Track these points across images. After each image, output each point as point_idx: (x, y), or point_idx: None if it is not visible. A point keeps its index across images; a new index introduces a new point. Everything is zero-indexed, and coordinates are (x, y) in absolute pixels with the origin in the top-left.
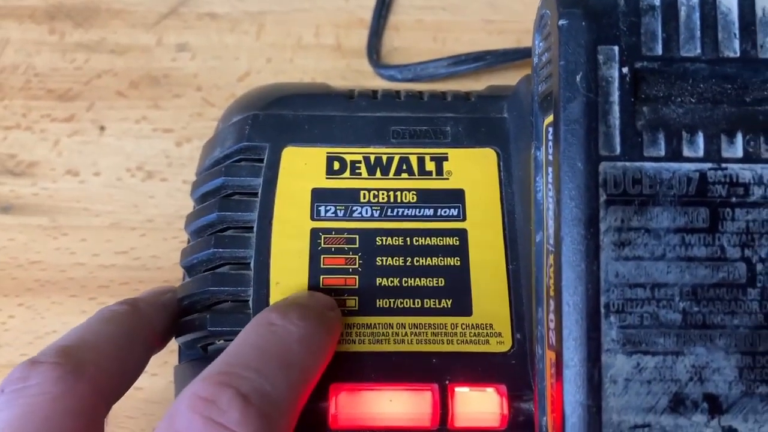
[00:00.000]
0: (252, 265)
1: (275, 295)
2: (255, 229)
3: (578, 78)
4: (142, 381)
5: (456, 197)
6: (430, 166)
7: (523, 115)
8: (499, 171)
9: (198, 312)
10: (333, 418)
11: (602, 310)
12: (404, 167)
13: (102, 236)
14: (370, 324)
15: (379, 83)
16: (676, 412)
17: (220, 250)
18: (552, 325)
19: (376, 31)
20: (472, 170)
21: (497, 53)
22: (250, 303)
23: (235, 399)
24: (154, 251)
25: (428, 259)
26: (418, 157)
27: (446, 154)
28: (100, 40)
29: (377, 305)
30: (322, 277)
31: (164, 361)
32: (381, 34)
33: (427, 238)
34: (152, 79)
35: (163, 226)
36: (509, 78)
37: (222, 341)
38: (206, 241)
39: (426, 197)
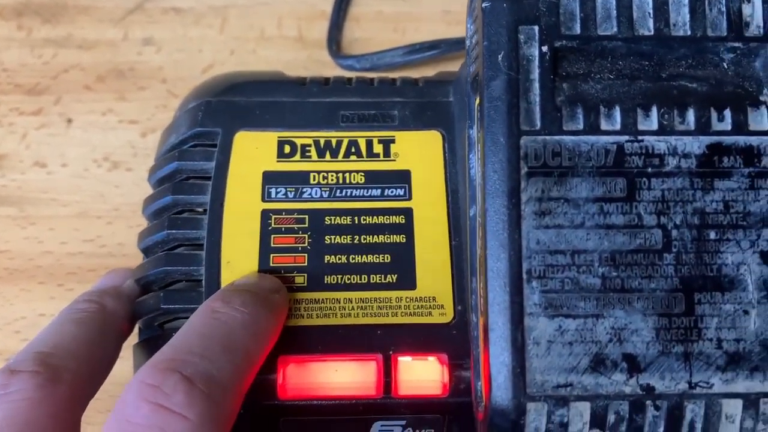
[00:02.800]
0: (204, 245)
1: (226, 274)
2: (208, 211)
3: (500, 57)
4: None
5: (402, 178)
6: (377, 148)
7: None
8: (444, 152)
9: (154, 291)
10: (281, 389)
11: (524, 276)
12: (353, 150)
13: (69, 225)
14: (318, 299)
15: (339, 73)
16: (597, 372)
17: (174, 231)
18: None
19: (337, 22)
20: (419, 152)
21: (450, 41)
22: (203, 282)
23: (180, 383)
24: (120, 239)
25: (375, 236)
26: (366, 140)
27: (393, 136)
28: (68, 36)
29: (325, 281)
30: (272, 255)
31: (128, 344)
32: (341, 26)
33: (375, 217)
34: (118, 73)
35: (128, 215)
36: None
37: (177, 319)
38: (161, 223)
39: (373, 178)
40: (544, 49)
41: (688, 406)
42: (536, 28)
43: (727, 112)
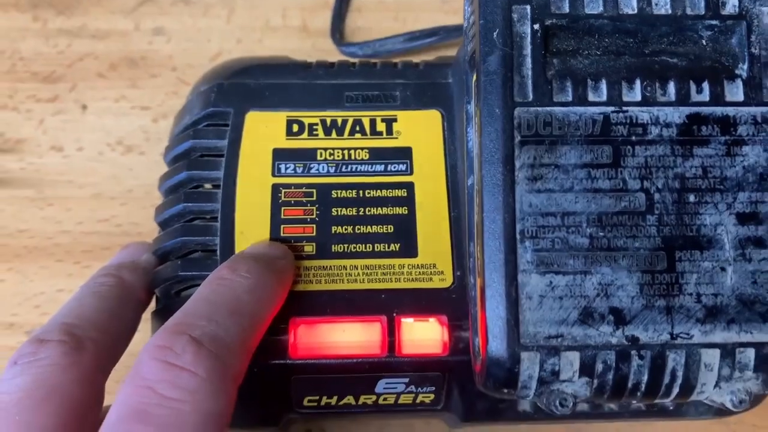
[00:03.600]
0: (219, 217)
1: (240, 243)
2: (221, 186)
3: (495, 35)
4: None
5: (404, 154)
6: (380, 126)
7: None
8: (443, 130)
9: (171, 261)
10: (293, 349)
11: (518, 236)
12: (357, 128)
13: (85, 206)
14: (326, 266)
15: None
16: (585, 324)
17: (190, 204)
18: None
19: (339, 12)
20: (419, 130)
21: (449, 28)
22: (218, 251)
23: (189, 344)
24: (133, 218)
25: (379, 208)
26: (370, 119)
27: (396, 116)
28: (82, 26)
29: (332, 250)
30: (282, 226)
31: (146, 318)
32: (344, 16)
33: (378, 191)
34: (130, 61)
35: (141, 196)
36: None
37: (193, 287)
38: (177, 197)
39: (377, 154)
40: (536, 27)
41: (670, 356)
42: (528, 7)
43: (705, 85)
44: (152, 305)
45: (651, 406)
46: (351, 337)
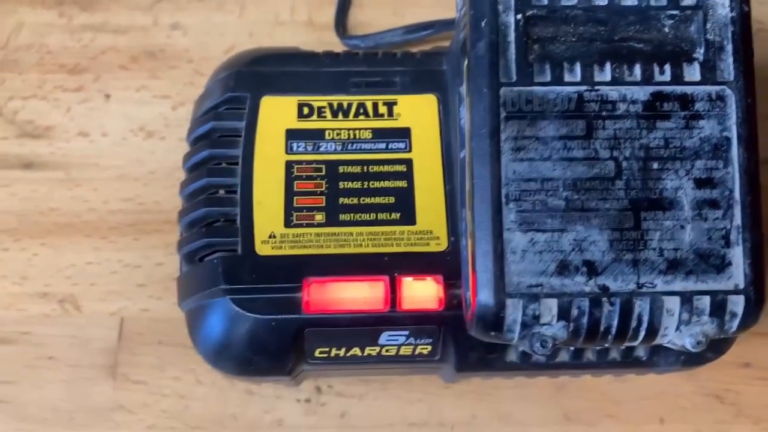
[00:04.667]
0: (238, 190)
1: (257, 213)
2: (240, 162)
3: (483, 24)
4: (148, 303)
5: (404, 134)
6: (382, 109)
7: (458, 67)
8: (439, 112)
9: (196, 229)
10: (306, 305)
11: (503, 200)
12: (361, 111)
13: (111, 186)
14: (335, 233)
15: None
16: (562, 275)
17: (212, 179)
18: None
19: (343, 8)
20: (417, 112)
21: (443, 22)
22: (238, 220)
23: None
24: (156, 197)
25: (381, 182)
26: (372, 103)
27: (396, 100)
28: (104, 22)
29: (340, 219)
30: (295, 198)
31: (166, 287)
32: (347, 11)
33: (381, 166)
34: (150, 54)
35: (162, 177)
36: None
37: (215, 252)
38: (200, 173)
39: (379, 134)
40: (519, 17)
41: (637, 302)
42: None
43: (667, 67)
44: (171, 270)
45: (626, 356)
46: (357, 294)
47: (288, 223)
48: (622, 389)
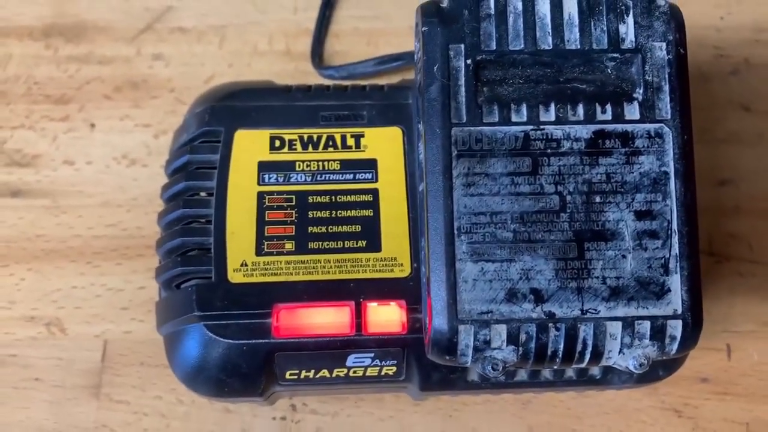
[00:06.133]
0: (212, 221)
1: (230, 242)
2: (214, 194)
3: (435, 68)
4: (131, 326)
5: (370, 165)
6: (350, 141)
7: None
8: (404, 144)
9: (172, 258)
10: (276, 330)
11: (455, 232)
12: (330, 143)
13: (95, 213)
14: (304, 260)
15: (322, 81)
16: (511, 302)
17: (188, 210)
18: None
19: (318, 38)
20: (383, 144)
21: (412, 53)
22: (212, 249)
23: None
24: (138, 223)
25: (348, 211)
26: (341, 135)
27: (363, 132)
28: (89, 53)
29: (309, 246)
30: (266, 227)
31: (147, 310)
32: (323, 41)
33: (348, 196)
34: (133, 84)
35: (145, 203)
36: None
37: (191, 280)
38: (177, 204)
39: (347, 165)
40: (469, 61)
41: (581, 327)
42: (462, 45)
43: (609, 106)
44: (152, 293)
45: (581, 375)
46: (325, 319)
47: (259, 252)
48: (585, 404)
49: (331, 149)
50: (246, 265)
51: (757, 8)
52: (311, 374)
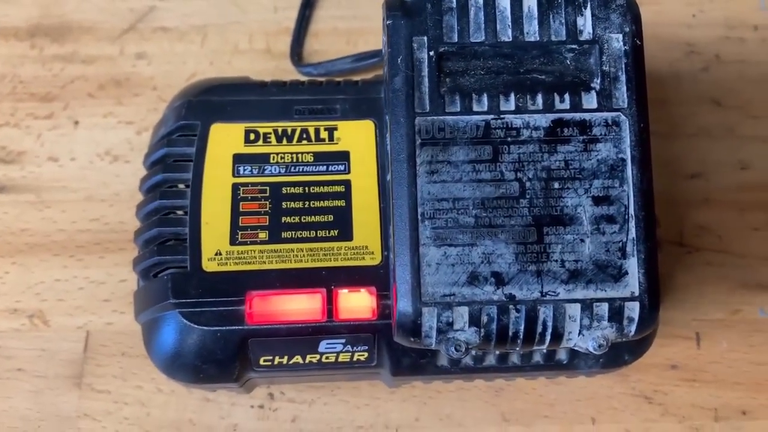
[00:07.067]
0: (188, 211)
1: (205, 233)
2: (190, 185)
3: (399, 60)
4: (112, 317)
5: (343, 157)
6: (323, 134)
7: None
8: (376, 136)
9: (149, 248)
10: (249, 317)
11: (419, 218)
12: (304, 136)
13: (78, 208)
14: (277, 249)
15: (300, 79)
16: (472, 285)
17: (164, 201)
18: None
19: (298, 37)
20: (356, 137)
21: None
22: (187, 239)
23: None
24: (120, 218)
25: (321, 202)
26: (314, 128)
27: (336, 125)
28: (73, 52)
29: (282, 236)
30: (241, 217)
31: (129, 302)
32: (303, 40)
33: (321, 187)
34: (116, 82)
35: (127, 198)
36: None
37: (168, 269)
38: (154, 195)
39: (320, 157)
40: (431, 53)
41: (541, 309)
42: (425, 38)
43: (567, 96)
44: (134, 285)
45: (548, 359)
46: (297, 306)
47: (233, 241)
48: (557, 391)
49: (305, 142)
50: (220, 254)
51: (727, 6)
52: (284, 360)
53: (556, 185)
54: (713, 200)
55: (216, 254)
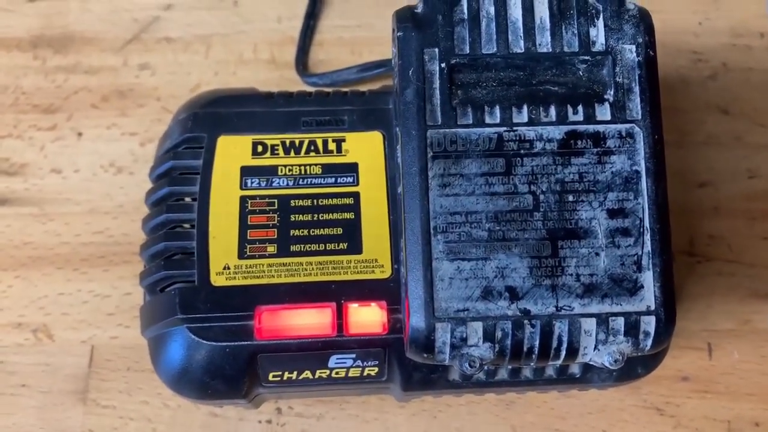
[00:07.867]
0: (195, 225)
1: (213, 247)
2: (197, 198)
3: (411, 72)
4: (117, 331)
5: (351, 169)
6: (332, 146)
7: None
8: (384, 148)
9: (156, 262)
10: (258, 332)
11: (432, 231)
12: (312, 148)
13: (82, 220)
14: (286, 263)
15: (306, 89)
16: (486, 300)
17: (171, 215)
18: None
19: (303, 47)
20: (364, 148)
21: None
22: (195, 253)
23: None
24: (124, 230)
25: (330, 214)
26: (322, 140)
27: (344, 137)
28: (76, 63)
29: (291, 249)
30: (249, 231)
31: (134, 316)
32: (308, 50)
33: (329, 199)
34: (120, 93)
35: (131, 211)
36: None
37: (175, 284)
38: (161, 209)
39: (329, 169)
40: (443, 65)
41: (556, 324)
42: (437, 49)
43: (580, 107)
44: (139, 299)
45: (561, 373)
46: (306, 321)
47: (241, 255)
48: (568, 404)
49: (313, 154)
50: (228, 268)
51: (733, 14)
52: (294, 375)
53: (570, 198)
54: (723, 209)
55: (224, 268)
